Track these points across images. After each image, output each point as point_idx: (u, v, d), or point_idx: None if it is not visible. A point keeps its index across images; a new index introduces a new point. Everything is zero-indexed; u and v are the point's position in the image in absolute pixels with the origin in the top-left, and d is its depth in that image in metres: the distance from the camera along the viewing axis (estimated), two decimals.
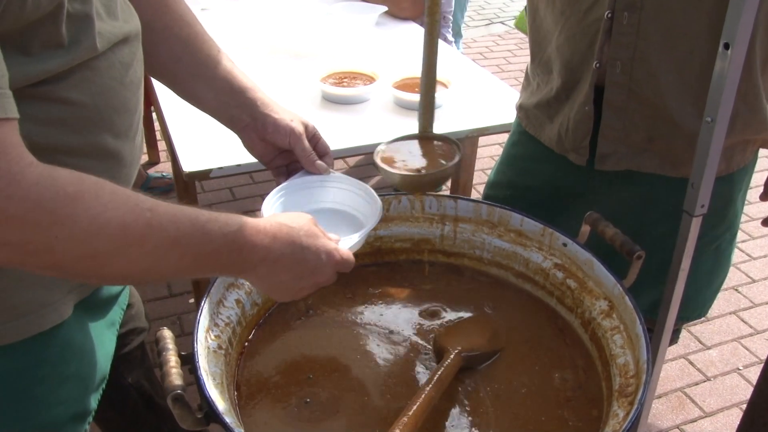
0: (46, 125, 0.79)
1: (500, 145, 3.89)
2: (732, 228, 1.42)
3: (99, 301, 1.05)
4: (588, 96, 1.28)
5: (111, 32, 0.84)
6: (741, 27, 0.95)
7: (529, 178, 1.50)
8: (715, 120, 1.02)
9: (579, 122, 1.31)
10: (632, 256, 1.08)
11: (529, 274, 1.25)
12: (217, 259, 0.81)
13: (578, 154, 1.34)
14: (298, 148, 1.11)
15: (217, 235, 0.80)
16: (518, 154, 1.54)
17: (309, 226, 0.91)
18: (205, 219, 0.80)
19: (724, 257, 1.45)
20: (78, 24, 0.78)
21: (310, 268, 0.90)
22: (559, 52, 1.32)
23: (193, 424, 0.86)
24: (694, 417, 2.28)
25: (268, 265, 0.86)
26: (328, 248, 0.92)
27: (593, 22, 1.23)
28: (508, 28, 5.84)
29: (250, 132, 1.11)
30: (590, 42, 1.25)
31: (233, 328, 1.07)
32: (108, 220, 0.70)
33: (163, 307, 2.63)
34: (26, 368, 0.92)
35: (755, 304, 2.78)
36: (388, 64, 2.20)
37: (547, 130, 1.41)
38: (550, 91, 1.38)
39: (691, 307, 1.48)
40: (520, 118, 1.52)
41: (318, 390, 1.03)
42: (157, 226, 0.74)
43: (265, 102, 1.11)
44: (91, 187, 0.70)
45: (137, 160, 0.98)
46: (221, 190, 3.34)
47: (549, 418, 1.01)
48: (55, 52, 0.76)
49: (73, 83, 0.80)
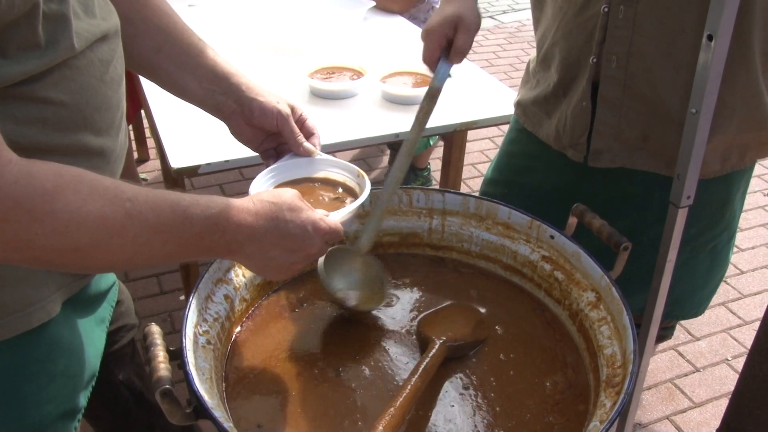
0: (26, 125, 0.78)
1: (490, 139, 3.90)
2: (729, 229, 1.42)
3: (88, 299, 1.05)
4: (585, 92, 1.28)
5: (89, 31, 0.83)
6: (724, 19, 0.96)
7: (527, 175, 1.50)
8: (700, 111, 1.03)
9: (576, 118, 1.31)
10: (619, 247, 1.09)
11: (517, 266, 1.25)
12: (200, 242, 0.82)
13: (576, 150, 1.34)
14: (286, 130, 1.11)
15: (199, 218, 0.80)
16: (516, 151, 1.54)
17: (292, 200, 0.91)
18: (186, 203, 0.80)
19: (721, 257, 1.45)
20: (55, 24, 0.77)
21: (298, 241, 0.90)
22: (557, 48, 1.32)
23: (182, 419, 0.86)
24: (684, 407, 2.30)
25: (255, 243, 0.87)
26: (313, 219, 0.91)
27: (591, 17, 1.22)
28: (497, 23, 5.84)
29: (237, 118, 1.10)
30: (588, 37, 1.25)
31: (222, 324, 1.07)
32: (87, 214, 0.70)
33: (153, 305, 2.62)
34: (14, 366, 0.92)
35: (744, 295, 2.80)
36: (376, 59, 2.20)
37: (545, 127, 1.41)
38: (548, 87, 1.38)
39: (687, 307, 1.49)
40: (517, 114, 1.51)
41: (306, 383, 1.04)
42: (137, 215, 0.74)
43: (250, 86, 1.10)
44: (71, 182, 0.70)
45: (121, 156, 0.97)
46: (210, 186, 3.33)
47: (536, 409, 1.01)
48: (32, 53, 0.76)
49: (52, 82, 0.80)
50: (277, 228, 0.88)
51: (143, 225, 0.75)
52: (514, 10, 6.19)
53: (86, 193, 0.71)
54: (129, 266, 0.82)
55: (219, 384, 1.00)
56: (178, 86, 1.10)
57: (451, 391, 1.03)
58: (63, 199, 0.69)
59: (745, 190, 1.42)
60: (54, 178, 0.69)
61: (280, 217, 0.88)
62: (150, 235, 0.76)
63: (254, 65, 2.24)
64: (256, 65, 2.24)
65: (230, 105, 1.09)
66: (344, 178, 1.14)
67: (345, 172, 1.14)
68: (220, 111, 1.11)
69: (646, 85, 1.23)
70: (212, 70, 1.09)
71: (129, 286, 1.32)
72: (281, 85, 2.10)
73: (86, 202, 0.70)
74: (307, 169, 1.14)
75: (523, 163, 1.51)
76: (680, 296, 1.43)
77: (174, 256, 0.82)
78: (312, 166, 1.14)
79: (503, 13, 6.09)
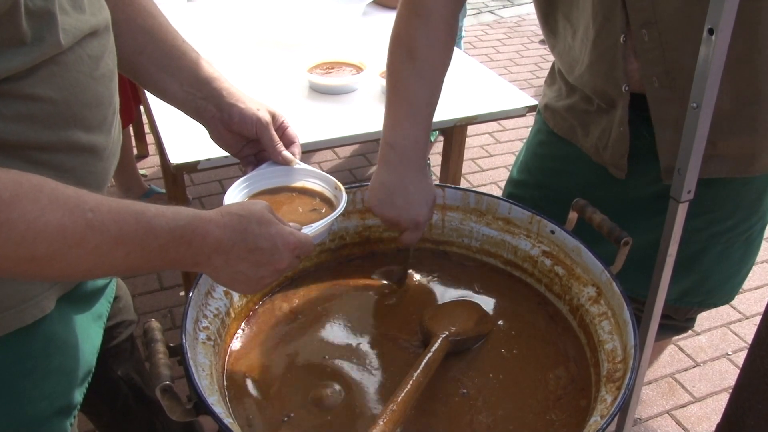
0: (13, 122, 0.78)
1: (490, 134, 3.90)
2: (764, 218, 1.40)
3: (84, 295, 1.04)
4: (623, 118, 1.25)
5: (77, 27, 0.82)
6: (725, 12, 0.95)
7: (563, 179, 1.45)
8: (700, 106, 1.03)
9: (616, 142, 1.28)
10: (619, 242, 1.09)
11: (518, 261, 1.25)
12: (165, 254, 0.80)
13: (617, 168, 1.31)
14: (265, 138, 1.10)
15: (163, 230, 0.78)
16: (547, 153, 1.49)
17: (262, 213, 0.89)
18: (151, 215, 0.78)
19: (755, 245, 1.44)
20: (40, 20, 0.76)
21: (266, 255, 0.88)
22: (582, 81, 1.29)
23: (182, 415, 0.86)
24: (684, 402, 2.30)
25: (222, 255, 0.85)
26: (282, 233, 0.89)
27: (608, 49, 1.19)
28: (497, 17, 5.83)
29: (216, 123, 1.09)
30: (609, 68, 1.21)
31: (222, 320, 1.07)
32: (46, 224, 0.69)
33: (153, 301, 2.62)
34: (8, 363, 0.91)
35: (744, 289, 2.80)
36: (376, 54, 2.19)
37: (580, 136, 1.38)
38: (579, 101, 1.35)
39: (720, 294, 1.48)
40: (546, 118, 1.47)
41: (307, 376, 1.04)
42: (99, 226, 0.73)
43: (231, 92, 1.09)
44: (29, 191, 0.69)
45: (115, 152, 0.97)
46: (210, 182, 3.33)
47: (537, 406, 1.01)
48: (18, 49, 0.75)
49: (40, 79, 0.79)
50: (245, 241, 0.86)
51: (104, 236, 0.74)
52: (514, 4, 6.18)
53: (45, 203, 0.69)
54: (89, 276, 0.80)
55: (219, 380, 1.00)
56: (159, 88, 1.09)
57: (453, 386, 1.03)
58: (20, 208, 0.67)
59: None
60: (12, 186, 0.68)
61: (248, 230, 0.86)
62: (111, 246, 0.75)
63: (253, 60, 2.23)
64: (256, 60, 2.24)
65: (210, 110, 1.09)
66: (322, 188, 1.12)
67: (323, 183, 1.12)
68: (200, 115, 1.10)
69: None
70: (194, 73, 1.08)
71: (129, 282, 1.32)
72: (280, 81, 2.10)
73: (45, 212, 0.69)
74: (285, 178, 1.12)
75: (556, 166, 1.47)
76: (715, 286, 1.43)
77: (137, 267, 0.80)
78: (290, 175, 1.13)
79: (503, 7, 6.08)
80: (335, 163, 3.57)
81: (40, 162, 0.82)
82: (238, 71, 2.14)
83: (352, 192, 1.26)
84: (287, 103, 1.98)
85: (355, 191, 1.27)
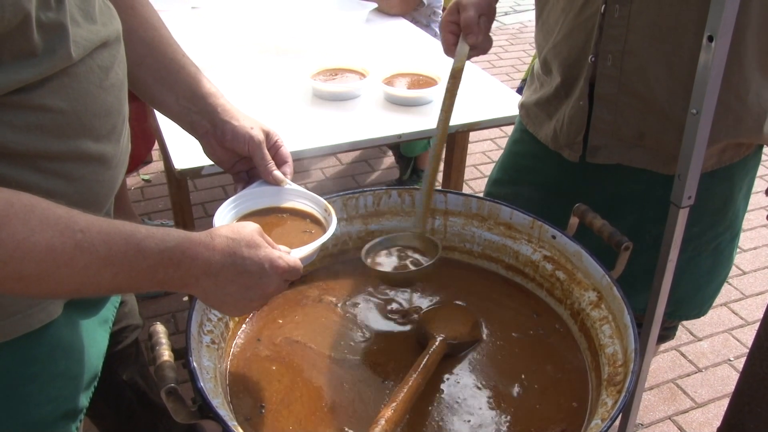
0: (24, 132, 0.79)
1: (492, 140, 3.91)
2: (732, 228, 1.42)
3: (90, 300, 1.05)
4: (583, 91, 1.29)
5: (88, 38, 0.83)
6: (724, 19, 0.96)
7: (530, 175, 1.50)
8: (701, 112, 1.04)
9: (573, 117, 1.32)
10: (620, 247, 1.10)
11: (519, 266, 1.26)
12: (153, 275, 0.80)
13: (572, 150, 1.35)
14: (257, 157, 1.09)
15: (152, 251, 0.79)
16: (519, 151, 1.55)
17: (252, 236, 0.89)
18: (141, 236, 0.78)
19: (724, 256, 1.45)
20: (52, 33, 0.77)
21: (255, 278, 0.88)
22: (558, 49, 1.33)
23: (186, 418, 0.86)
24: (686, 408, 2.30)
25: (211, 278, 0.85)
26: (271, 257, 0.89)
27: (590, 17, 1.24)
28: (499, 24, 5.85)
29: (209, 138, 1.10)
30: (587, 37, 1.26)
31: (226, 323, 1.08)
32: (34, 244, 0.70)
33: (157, 305, 2.63)
34: (15, 367, 0.92)
35: (746, 295, 2.80)
36: (378, 60, 2.21)
37: (544, 128, 1.42)
38: (550, 89, 1.39)
39: (690, 307, 1.49)
40: (521, 116, 1.53)
41: (309, 380, 1.04)
42: (88, 246, 0.74)
43: (226, 109, 1.10)
44: (20, 211, 0.70)
45: (124, 161, 0.97)
46: (214, 188, 3.34)
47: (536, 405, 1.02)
48: (28, 61, 0.76)
49: (50, 90, 0.80)
50: (234, 264, 0.86)
51: (93, 256, 0.74)
52: (516, 11, 6.20)
53: (35, 223, 0.70)
54: (77, 295, 0.81)
55: (223, 382, 1.01)
56: (156, 100, 1.10)
57: (451, 389, 1.04)
58: (10, 228, 0.68)
59: (748, 190, 1.42)
60: (3, 206, 0.69)
61: (238, 253, 0.86)
62: (100, 267, 0.75)
63: (257, 67, 2.25)
64: (260, 67, 2.25)
65: (204, 125, 1.09)
66: (312, 209, 1.11)
67: (313, 204, 1.11)
68: (194, 130, 1.11)
69: (641, 82, 1.24)
70: (191, 88, 1.09)
71: None
72: (284, 87, 2.11)
73: (34, 233, 0.70)
74: (274, 198, 1.11)
75: (527, 163, 1.52)
76: (683, 296, 1.43)
77: (125, 287, 0.80)
78: (279, 196, 1.11)
79: (505, 14, 6.10)
80: (338, 168, 3.59)
81: (50, 171, 0.83)
82: (242, 78, 2.16)
83: (354, 197, 1.27)
84: (290, 109, 1.99)
85: (358, 196, 1.28)
